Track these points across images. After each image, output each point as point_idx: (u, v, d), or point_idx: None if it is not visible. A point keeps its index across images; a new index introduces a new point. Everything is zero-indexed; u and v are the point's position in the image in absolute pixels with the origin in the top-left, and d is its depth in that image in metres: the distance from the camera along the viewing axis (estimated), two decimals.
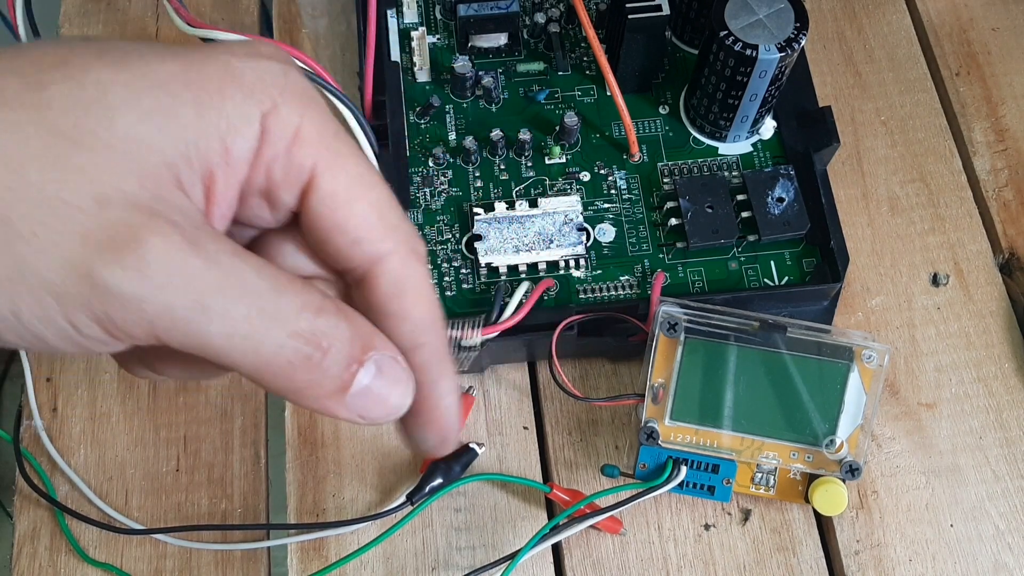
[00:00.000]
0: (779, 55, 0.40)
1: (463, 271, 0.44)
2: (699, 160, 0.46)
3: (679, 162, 0.46)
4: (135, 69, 0.20)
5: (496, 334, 0.40)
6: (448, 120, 0.47)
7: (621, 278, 0.44)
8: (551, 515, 0.42)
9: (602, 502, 0.40)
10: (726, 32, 0.41)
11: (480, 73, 0.47)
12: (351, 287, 0.23)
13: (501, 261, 0.43)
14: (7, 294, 0.18)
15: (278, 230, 0.23)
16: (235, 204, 0.22)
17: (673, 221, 0.44)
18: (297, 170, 0.21)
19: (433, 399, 0.23)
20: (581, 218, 0.44)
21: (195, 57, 0.20)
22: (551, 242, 0.43)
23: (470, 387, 0.44)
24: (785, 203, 0.44)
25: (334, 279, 0.24)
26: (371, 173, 0.22)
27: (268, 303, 0.19)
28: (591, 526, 0.41)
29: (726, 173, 0.46)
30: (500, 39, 0.48)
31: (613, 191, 0.46)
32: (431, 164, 0.46)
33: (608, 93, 0.46)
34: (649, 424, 0.40)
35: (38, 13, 0.46)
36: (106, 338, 0.19)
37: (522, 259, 0.43)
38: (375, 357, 0.21)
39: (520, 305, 0.41)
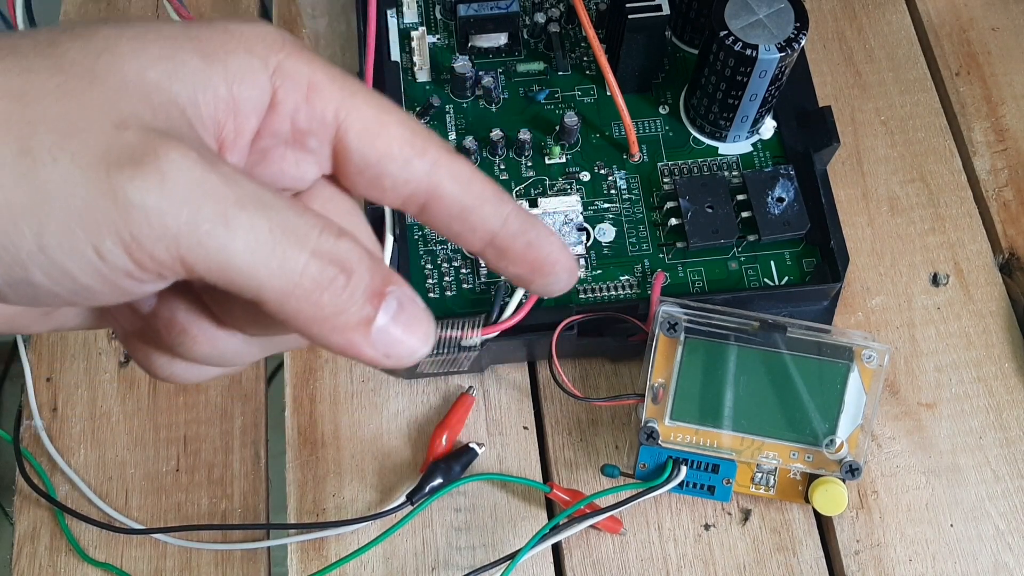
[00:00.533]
0: (779, 55, 0.40)
1: (463, 271, 0.44)
2: (699, 160, 0.46)
3: (679, 162, 0.46)
4: (140, 28, 0.20)
5: (496, 334, 0.40)
6: (448, 120, 0.47)
7: (621, 278, 0.44)
8: (551, 515, 0.42)
9: (602, 502, 0.40)
10: (726, 32, 0.41)
11: (480, 73, 0.47)
12: (419, 215, 0.24)
13: None
14: (32, 223, 0.18)
15: (308, 192, 0.24)
16: (246, 156, 0.22)
17: (673, 221, 0.44)
18: (321, 116, 0.22)
19: (546, 248, 0.24)
20: (581, 218, 0.44)
21: (196, 23, 0.21)
22: None
23: (470, 387, 0.44)
24: (785, 203, 0.44)
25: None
26: (386, 100, 0.23)
27: (289, 220, 0.19)
28: (591, 526, 0.41)
29: (726, 173, 0.46)
30: (500, 39, 0.48)
31: (613, 191, 0.46)
32: None
33: (608, 93, 0.46)
34: (649, 424, 0.40)
35: (38, 13, 0.46)
36: (132, 267, 0.19)
37: None
38: (396, 292, 0.21)
39: (520, 305, 0.41)
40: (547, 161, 0.46)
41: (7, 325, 0.23)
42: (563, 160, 0.46)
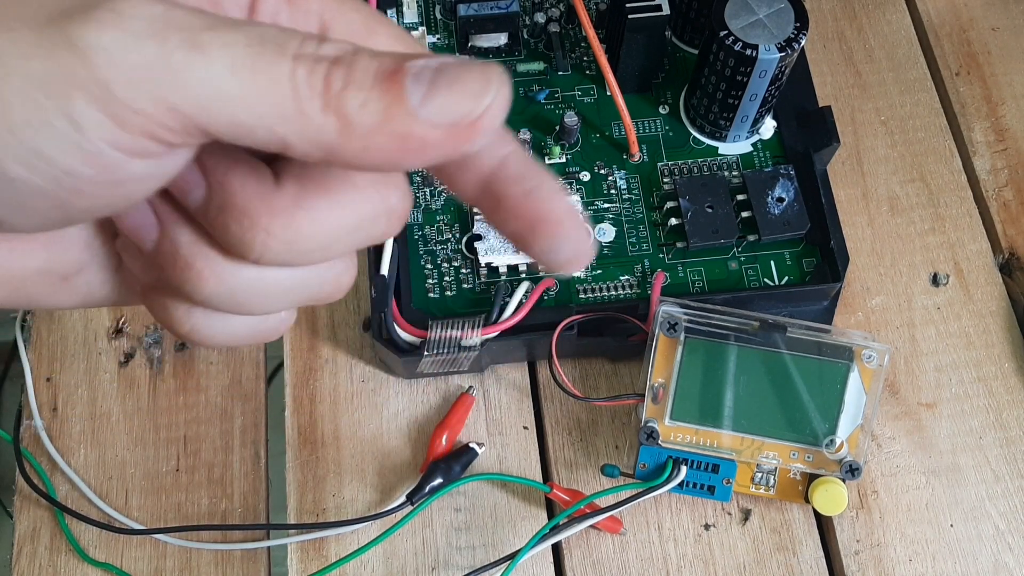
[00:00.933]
0: (779, 55, 0.40)
1: (463, 271, 0.44)
2: (699, 160, 0.46)
3: (679, 162, 0.46)
4: None
5: (496, 334, 0.40)
6: None
7: (621, 278, 0.44)
8: (551, 515, 0.42)
9: (602, 502, 0.40)
10: (726, 32, 0.40)
11: None
12: None
13: (501, 261, 0.43)
14: None
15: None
16: None
17: (673, 221, 0.44)
18: (303, 21, 0.20)
19: (548, 203, 0.20)
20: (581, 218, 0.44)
21: None
22: None
23: (470, 387, 0.44)
24: (785, 203, 0.44)
25: None
26: (374, 11, 0.21)
27: (266, 33, 0.17)
28: (591, 526, 0.41)
29: (726, 173, 0.46)
30: (500, 39, 0.48)
31: (613, 191, 0.46)
32: None
33: (608, 93, 0.46)
34: (649, 424, 0.40)
35: None
36: (112, 127, 0.16)
37: (522, 259, 0.43)
38: (420, 63, 0.17)
39: (520, 305, 0.41)
40: (547, 161, 0.46)
41: (23, 294, 0.21)
42: (563, 160, 0.46)
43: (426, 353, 0.40)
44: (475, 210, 0.44)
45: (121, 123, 0.16)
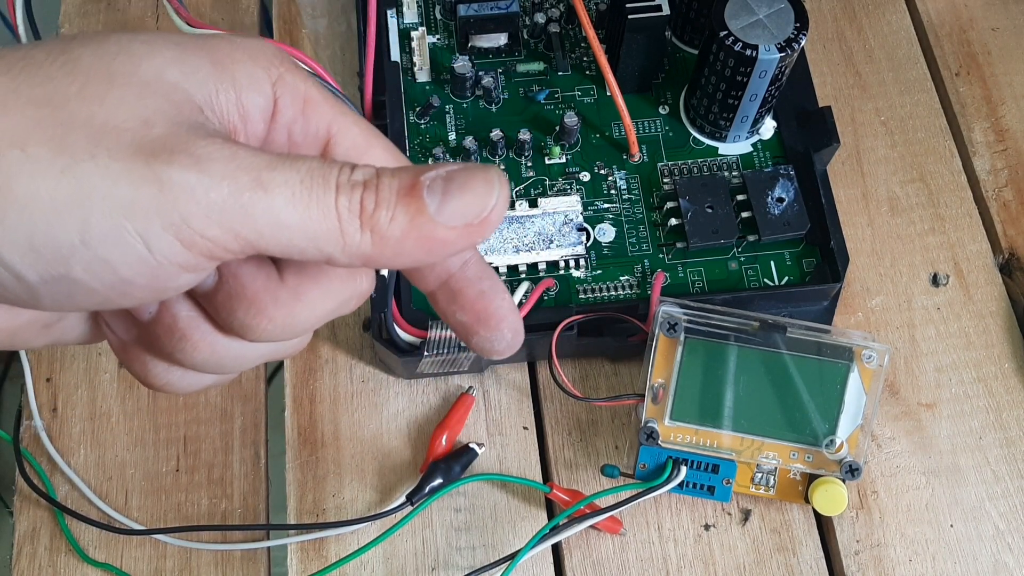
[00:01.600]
0: (779, 55, 0.40)
1: None
2: (699, 160, 0.46)
3: (679, 162, 0.46)
4: (150, 34, 0.21)
5: None
6: (448, 120, 0.47)
7: (621, 278, 0.44)
8: (551, 515, 0.42)
9: (602, 502, 0.40)
10: (726, 32, 0.41)
11: (480, 73, 0.47)
12: None
13: (501, 261, 0.43)
14: (76, 217, 0.18)
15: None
16: None
17: (673, 221, 0.44)
18: (315, 130, 0.23)
19: (497, 302, 0.24)
20: (581, 218, 0.44)
21: (201, 36, 0.22)
22: (551, 242, 0.43)
23: (470, 387, 0.44)
24: (785, 203, 0.44)
25: None
26: (371, 126, 0.24)
27: (314, 167, 0.20)
28: (591, 526, 0.41)
29: (726, 173, 0.46)
30: (500, 39, 0.48)
31: (613, 191, 0.46)
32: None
33: (608, 93, 0.46)
34: (649, 424, 0.40)
35: (38, 13, 0.46)
36: (181, 251, 0.19)
37: (522, 259, 0.43)
38: (433, 174, 0.21)
39: (520, 305, 0.41)
40: (547, 161, 0.46)
41: (8, 340, 0.24)
42: (563, 160, 0.46)
43: (426, 353, 0.40)
44: None
45: (189, 246, 0.19)
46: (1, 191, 0.18)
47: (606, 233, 0.45)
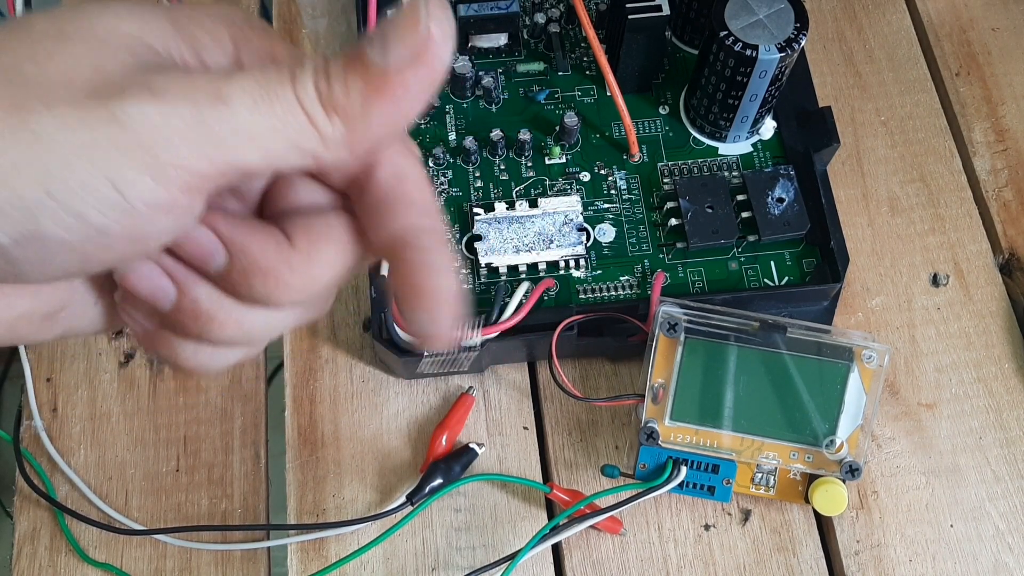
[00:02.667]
0: (779, 55, 0.40)
1: (463, 271, 0.44)
2: (699, 160, 0.46)
3: (679, 162, 0.46)
4: None
5: (496, 334, 0.40)
6: (448, 120, 0.47)
7: (621, 278, 0.44)
8: (551, 515, 0.42)
9: (602, 502, 0.40)
10: (726, 32, 0.40)
11: (480, 73, 0.47)
12: (353, 198, 0.24)
13: (501, 261, 0.43)
14: (37, 170, 0.18)
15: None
16: None
17: (673, 221, 0.44)
18: (221, 46, 0.22)
19: (435, 289, 0.23)
20: (581, 218, 0.44)
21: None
22: (551, 242, 0.43)
23: (470, 387, 0.44)
24: (785, 203, 0.44)
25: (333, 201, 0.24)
26: (272, 32, 0.24)
27: (263, 71, 0.20)
28: (591, 526, 0.41)
29: (726, 173, 0.46)
30: (500, 39, 0.48)
31: (613, 191, 0.46)
32: (431, 164, 0.46)
33: (608, 93, 0.46)
34: (649, 424, 0.40)
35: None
36: (155, 189, 0.18)
37: (522, 259, 0.43)
38: (369, 35, 0.20)
39: (520, 305, 0.41)
40: (547, 161, 0.46)
41: (8, 334, 0.23)
42: (563, 160, 0.46)
43: (426, 353, 0.40)
44: (475, 210, 0.44)
45: (161, 180, 0.18)
46: None
47: (606, 233, 0.45)
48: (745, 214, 0.44)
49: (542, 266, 0.43)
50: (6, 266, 0.19)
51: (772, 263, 0.44)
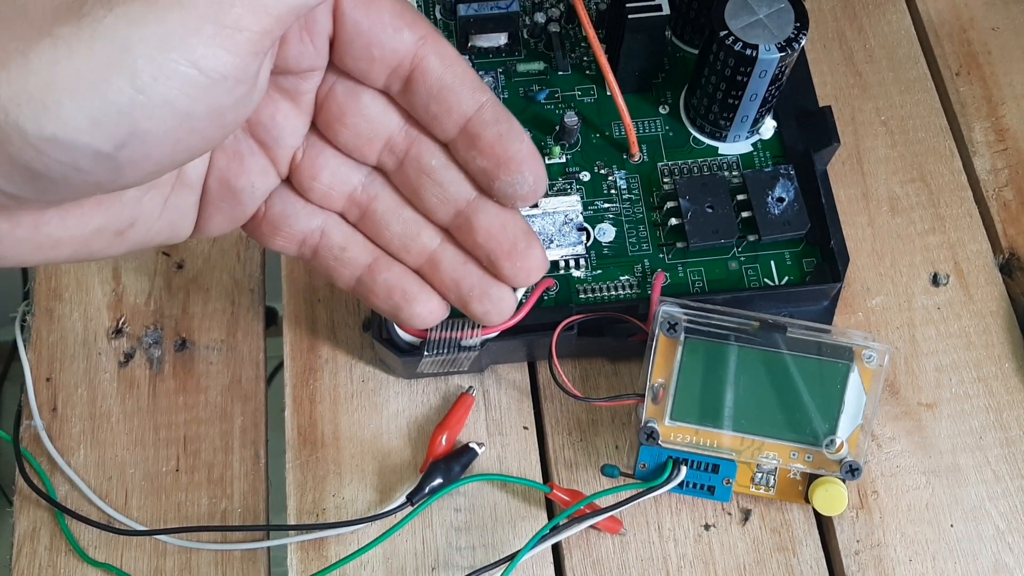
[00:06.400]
0: (779, 55, 0.40)
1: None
2: (699, 160, 0.46)
3: (679, 162, 0.46)
4: None
5: (496, 334, 0.40)
6: None
7: (621, 278, 0.44)
8: (551, 515, 0.42)
9: (602, 502, 0.40)
10: (726, 32, 0.40)
11: (480, 73, 0.47)
12: (406, 103, 0.25)
13: None
14: (122, 72, 0.19)
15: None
16: None
17: (673, 221, 0.44)
18: None
19: (516, 145, 0.25)
20: (581, 218, 0.44)
21: None
22: (551, 242, 0.43)
23: (470, 387, 0.44)
24: (785, 203, 0.44)
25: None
26: None
27: None
28: (591, 526, 0.41)
29: (726, 173, 0.46)
30: (500, 39, 0.48)
31: (613, 191, 0.46)
32: None
33: (608, 93, 0.46)
34: (649, 424, 0.40)
35: None
36: (226, 56, 0.20)
37: None
38: None
39: (520, 305, 0.41)
40: (547, 161, 0.46)
41: (85, 250, 0.24)
42: (563, 160, 0.46)
43: (426, 353, 0.40)
44: None
45: (230, 46, 0.20)
46: (46, 82, 0.18)
47: (606, 233, 0.45)
48: (745, 214, 0.44)
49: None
50: (112, 173, 0.20)
51: (772, 263, 0.44)
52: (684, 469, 0.40)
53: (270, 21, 0.20)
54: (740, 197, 0.44)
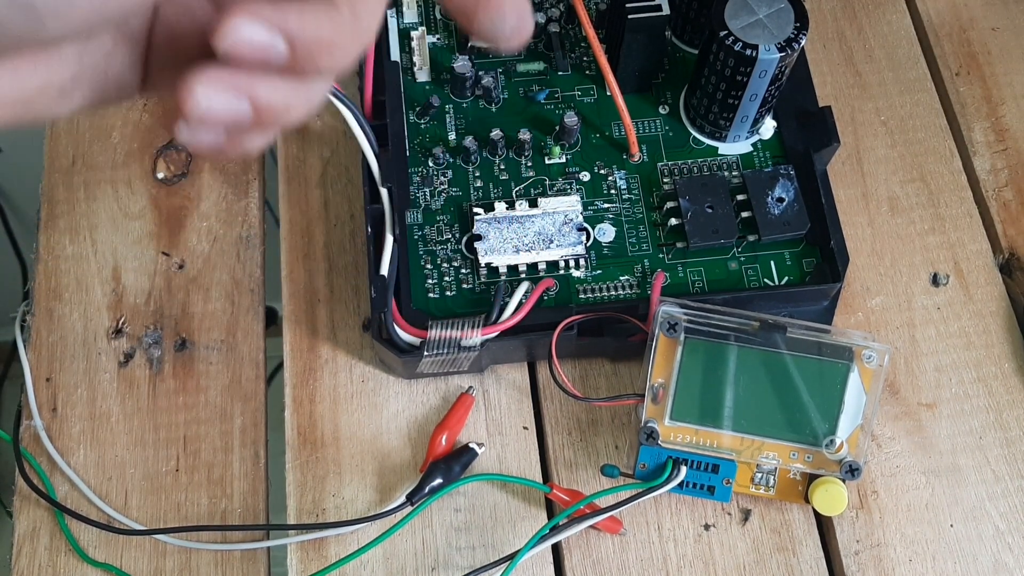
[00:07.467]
0: (779, 55, 0.40)
1: (463, 271, 0.44)
2: (699, 160, 0.46)
3: (679, 162, 0.46)
4: None
5: (496, 334, 0.40)
6: (448, 120, 0.47)
7: (621, 278, 0.44)
8: (551, 515, 0.42)
9: (602, 502, 0.40)
10: (726, 32, 0.40)
11: (480, 73, 0.47)
12: None
13: (501, 261, 0.43)
14: None
15: None
16: None
17: (673, 221, 0.44)
18: None
19: None
20: (581, 218, 0.44)
21: None
22: (551, 242, 0.43)
23: (470, 387, 0.44)
24: (785, 203, 0.44)
25: None
26: None
27: None
28: (591, 526, 0.41)
29: (726, 173, 0.46)
30: None
31: (613, 191, 0.46)
32: (431, 164, 0.46)
33: (608, 93, 0.46)
34: (649, 424, 0.40)
35: None
36: None
37: (522, 259, 0.43)
38: None
39: (520, 305, 0.41)
40: (547, 161, 0.46)
41: (26, 111, 0.23)
42: (563, 160, 0.46)
43: (426, 353, 0.40)
44: (475, 210, 0.44)
45: None
46: None
47: (606, 233, 0.45)
48: (745, 214, 0.44)
49: (542, 266, 0.43)
50: (33, 23, 0.19)
51: (772, 263, 0.44)
52: (684, 469, 0.40)
53: None
54: (740, 197, 0.44)
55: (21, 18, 0.18)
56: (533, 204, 0.44)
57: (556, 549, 0.42)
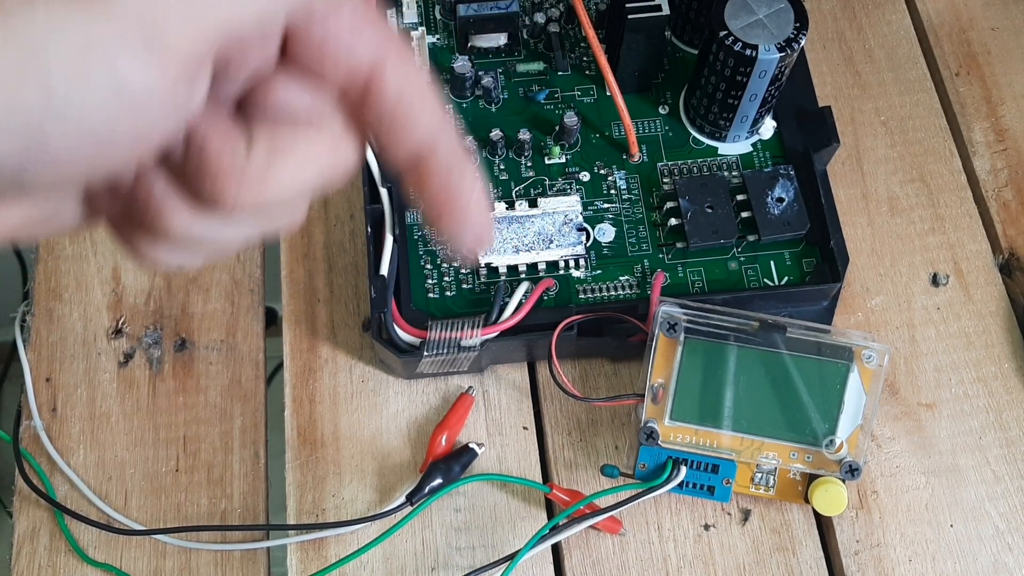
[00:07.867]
0: (779, 55, 0.40)
1: (463, 271, 0.44)
2: (699, 160, 0.46)
3: (679, 162, 0.46)
4: None
5: (496, 334, 0.40)
6: None
7: (621, 278, 0.44)
8: (551, 515, 0.42)
9: (602, 502, 0.40)
10: (726, 32, 0.40)
11: (480, 73, 0.47)
12: (356, 109, 0.23)
13: (501, 261, 0.43)
14: (33, 73, 0.17)
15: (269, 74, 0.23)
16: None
17: (673, 221, 0.44)
18: None
19: (462, 195, 0.23)
20: (581, 218, 0.44)
21: None
22: (551, 242, 0.43)
23: (470, 387, 0.44)
24: (785, 203, 0.44)
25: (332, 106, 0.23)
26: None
27: None
28: (591, 526, 0.40)
29: (726, 173, 0.46)
30: (500, 39, 0.48)
31: (613, 191, 0.46)
32: None
33: (608, 93, 0.46)
34: (649, 424, 0.40)
35: None
36: (151, 71, 0.18)
37: (522, 259, 0.43)
38: None
39: (520, 305, 0.41)
40: (547, 161, 0.46)
41: (7, 237, 0.22)
42: (563, 160, 0.46)
43: (426, 353, 0.40)
44: None
45: (157, 61, 0.18)
46: None
47: (606, 233, 0.45)
48: (745, 214, 0.44)
49: (542, 266, 0.43)
50: (16, 174, 0.19)
51: (772, 263, 0.44)
52: (684, 469, 0.39)
53: (204, 36, 0.18)
54: (740, 197, 0.44)
55: (6, 168, 0.18)
56: (533, 204, 0.44)
57: (556, 549, 0.42)
